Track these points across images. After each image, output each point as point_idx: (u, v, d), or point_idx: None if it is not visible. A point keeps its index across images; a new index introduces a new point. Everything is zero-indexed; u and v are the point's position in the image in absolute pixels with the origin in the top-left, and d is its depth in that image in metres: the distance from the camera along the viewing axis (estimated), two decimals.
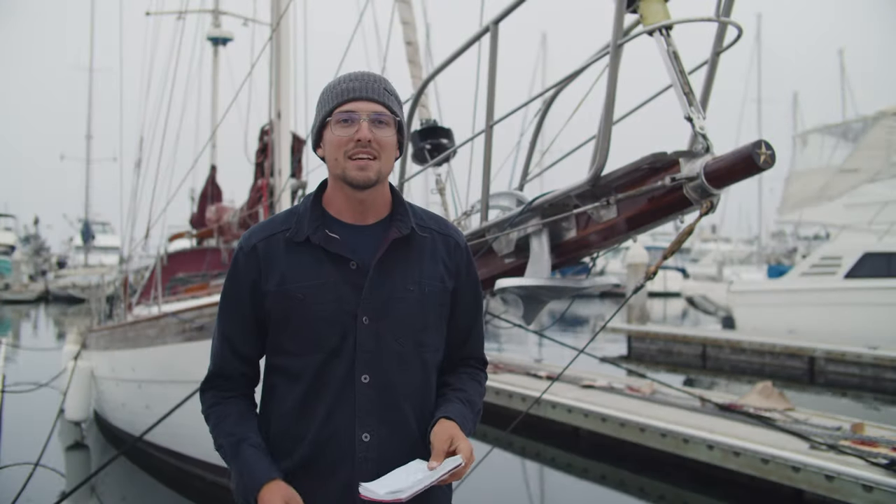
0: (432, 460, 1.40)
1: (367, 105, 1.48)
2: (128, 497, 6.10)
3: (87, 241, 35.96)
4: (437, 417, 1.51)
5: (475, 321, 1.68)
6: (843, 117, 28.00)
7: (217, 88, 12.59)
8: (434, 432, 1.47)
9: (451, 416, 1.50)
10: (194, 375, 5.36)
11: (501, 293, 2.81)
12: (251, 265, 1.52)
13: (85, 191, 39.56)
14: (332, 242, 1.50)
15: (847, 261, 12.35)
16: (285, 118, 6.38)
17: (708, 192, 2.05)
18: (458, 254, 1.61)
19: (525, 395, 7.82)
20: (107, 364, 7.24)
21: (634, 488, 6.24)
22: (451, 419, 1.49)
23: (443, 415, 1.51)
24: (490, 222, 2.94)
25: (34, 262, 40.61)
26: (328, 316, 1.48)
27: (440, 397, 1.59)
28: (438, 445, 1.42)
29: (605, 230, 2.48)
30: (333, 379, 1.48)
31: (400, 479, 1.39)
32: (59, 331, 19.46)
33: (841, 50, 37.27)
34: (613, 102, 2.26)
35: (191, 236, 10.44)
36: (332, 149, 1.49)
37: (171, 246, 10.01)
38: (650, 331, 14.07)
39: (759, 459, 5.36)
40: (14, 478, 5.55)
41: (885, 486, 4.59)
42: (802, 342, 11.71)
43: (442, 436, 1.44)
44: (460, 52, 3.11)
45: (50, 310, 27.54)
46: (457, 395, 1.58)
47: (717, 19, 2.21)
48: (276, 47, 6.40)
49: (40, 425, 6.97)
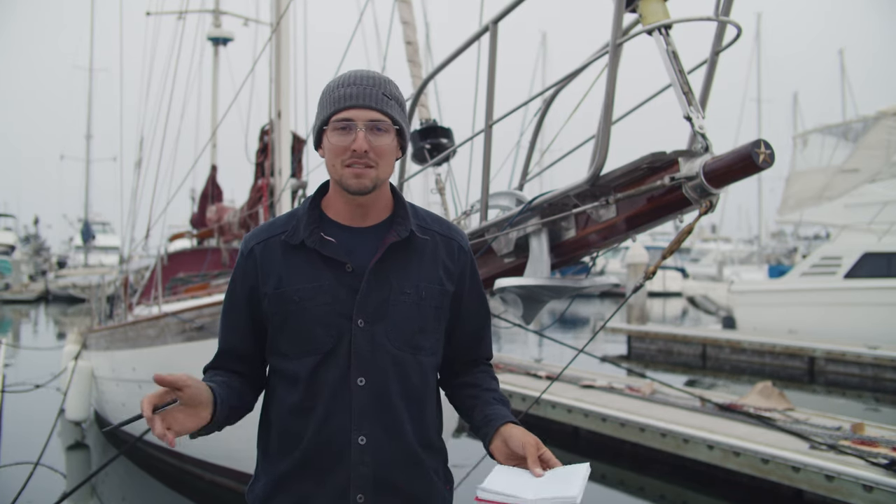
0: (535, 467, 1.38)
1: (363, 113, 1.45)
2: (128, 497, 6.10)
3: (87, 241, 35.93)
4: (502, 422, 1.51)
5: (485, 325, 1.69)
6: (843, 117, 27.99)
7: (217, 88, 12.60)
8: (517, 438, 1.45)
9: (516, 422, 1.52)
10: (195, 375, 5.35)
11: (501, 293, 2.82)
12: (249, 268, 1.53)
13: (85, 191, 39.57)
14: (326, 245, 1.49)
15: (847, 261, 12.36)
16: (285, 118, 6.38)
17: (707, 192, 2.05)
18: (462, 257, 1.61)
19: (525, 394, 7.82)
20: (107, 364, 7.24)
21: (634, 488, 6.24)
22: (517, 424, 1.51)
23: (508, 420, 1.52)
24: (489, 222, 2.94)
25: (34, 262, 40.59)
26: (323, 318, 1.47)
27: (474, 399, 1.60)
28: (532, 452, 1.41)
29: (605, 230, 2.49)
30: (329, 381, 1.47)
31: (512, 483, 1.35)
32: (59, 331, 19.47)
33: (841, 50, 37.24)
34: (613, 102, 2.26)
35: (191, 236, 10.44)
36: (329, 155, 1.49)
37: (171, 246, 10.02)
38: (650, 331, 14.07)
39: (759, 459, 5.36)
40: (14, 477, 5.56)
41: (885, 486, 4.58)
42: (802, 342, 11.72)
43: (531, 441, 1.44)
44: (460, 52, 3.11)
45: (50, 310, 27.54)
46: (494, 397, 1.60)
47: (716, 18, 2.22)
48: (277, 47, 6.40)
49: (40, 425, 6.98)
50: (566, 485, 1.31)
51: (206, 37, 12.44)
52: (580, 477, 1.33)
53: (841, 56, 36.97)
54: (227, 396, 1.47)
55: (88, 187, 39.66)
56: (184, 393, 1.32)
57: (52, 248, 48.12)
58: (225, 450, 5.19)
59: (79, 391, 7.60)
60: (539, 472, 1.37)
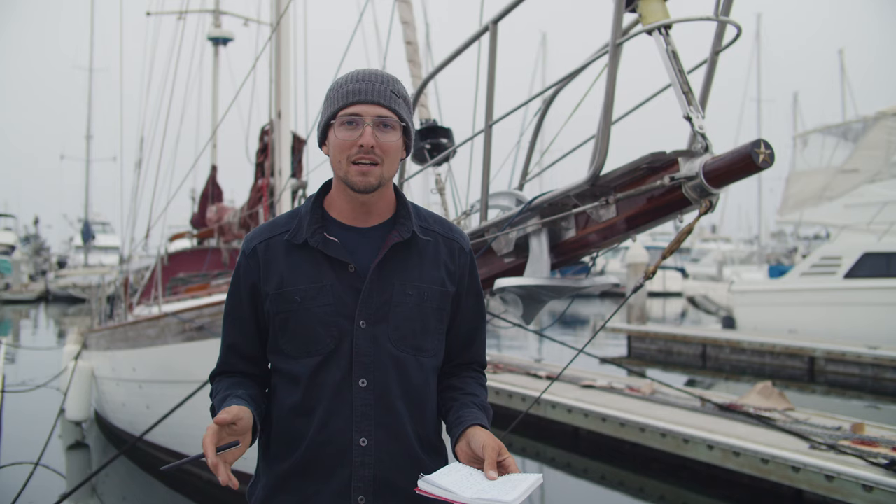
0: (490, 470, 1.36)
1: (372, 108, 1.45)
2: (128, 497, 6.10)
3: (87, 241, 35.92)
4: (469, 424, 1.48)
5: (478, 327, 1.67)
6: (843, 117, 27.99)
7: (217, 88, 12.59)
8: (480, 440, 1.43)
9: (485, 425, 1.49)
10: (195, 375, 5.37)
11: (501, 293, 2.82)
12: (251, 267, 1.53)
13: (85, 191, 39.57)
14: (329, 245, 1.49)
15: (847, 261, 12.36)
16: (286, 118, 6.38)
17: (707, 192, 2.05)
18: (463, 258, 1.60)
19: (525, 395, 7.82)
20: (107, 364, 7.25)
21: (634, 488, 6.24)
22: (486, 428, 1.48)
23: (476, 422, 1.48)
24: (489, 222, 2.94)
25: (34, 262, 40.60)
26: (325, 319, 1.47)
27: (453, 401, 1.57)
28: (491, 455, 1.38)
29: (605, 230, 2.49)
30: (330, 382, 1.47)
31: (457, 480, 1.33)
32: (60, 331, 19.46)
33: (841, 50, 37.25)
34: (612, 102, 2.26)
35: (191, 236, 10.44)
36: (335, 151, 1.48)
37: (171, 246, 10.01)
38: (650, 331, 14.07)
39: (759, 459, 5.36)
40: (14, 477, 5.56)
41: (885, 486, 4.58)
42: (802, 342, 11.71)
43: (493, 445, 1.40)
44: (460, 52, 3.11)
45: (50, 310, 27.53)
46: (473, 401, 1.56)
47: (716, 18, 2.22)
48: (277, 47, 6.40)
49: (40, 425, 6.98)
50: (510, 490, 1.28)
51: (206, 37, 12.43)
52: (526, 486, 1.30)
53: (841, 56, 36.99)
54: (258, 410, 1.48)
55: (88, 187, 39.69)
56: (238, 426, 1.33)
57: (52, 248, 48.17)
58: None
59: (79, 391, 7.60)
60: (492, 476, 1.34)
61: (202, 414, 1.60)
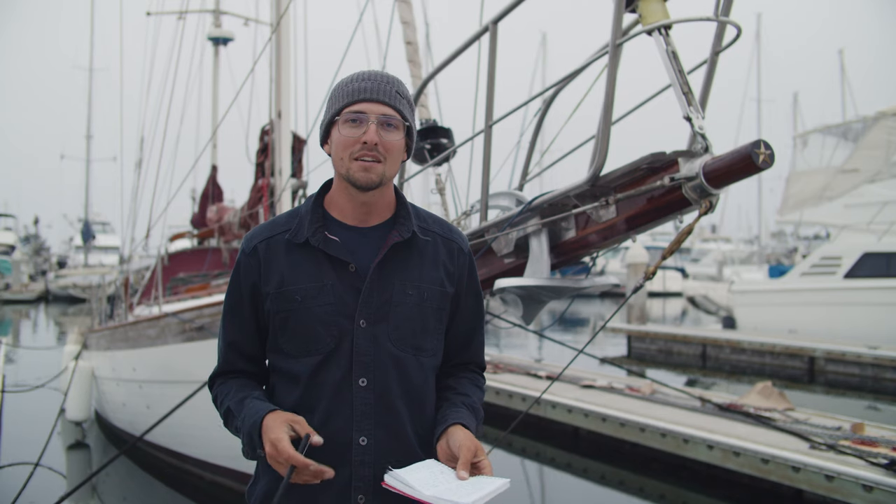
0: (461, 470, 1.35)
1: (376, 107, 1.46)
2: (128, 497, 6.11)
3: (87, 241, 35.91)
4: (451, 423, 1.47)
5: (476, 327, 1.67)
6: (843, 117, 28.00)
7: (217, 88, 12.59)
8: (457, 440, 1.42)
9: (467, 426, 1.48)
10: (195, 375, 5.37)
11: (501, 293, 2.82)
12: (252, 267, 1.53)
13: (85, 191, 39.55)
14: (330, 245, 1.49)
15: (847, 261, 12.36)
16: (286, 118, 6.38)
17: (707, 192, 2.05)
18: (462, 259, 1.60)
19: (525, 395, 7.82)
20: (107, 364, 7.25)
21: (634, 488, 6.24)
22: (467, 428, 1.47)
23: (458, 421, 1.48)
24: (489, 222, 2.94)
25: (34, 262, 40.60)
26: (325, 318, 1.47)
27: (444, 401, 1.57)
28: (466, 456, 1.37)
29: (605, 230, 2.49)
30: (330, 381, 1.47)
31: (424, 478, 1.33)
32: (60, 331, 19.47)
33: (841, 50, 37.25)
34: (612, 102, 2.26)
35: (192, 236, 10.44)
36: (338, 148, 1.48)
37: (171, 246, 10.02)
38: (650, 331, 14.07)
39: (759, 459, 5.36)
40: (14, 477, 5.56)
41: (885, 486, 4.58)
42: (802, 342, 11.71)
43: (469, 445, 1.40)
44: (460, 52, 3.11)
45: (50, 310, 27.53)
46: (462, 401, 1.56)
47: (716, 19, 2.22)
48: (277, 47, 6.40)
49: (41, 425, 6.98)
50: (471, 493, 1.28)
51: (206, 37, 12.43)
52: (489, 489, 1.30)
53: (841, 56, 36.99)
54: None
55: (88, 187, 39.67)
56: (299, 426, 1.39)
57: (52, 248, 48.15)
58: (225, 450, 5.19)
59: (79, 391, 7.60)
60: (462, 476, 1.34)
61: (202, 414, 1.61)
